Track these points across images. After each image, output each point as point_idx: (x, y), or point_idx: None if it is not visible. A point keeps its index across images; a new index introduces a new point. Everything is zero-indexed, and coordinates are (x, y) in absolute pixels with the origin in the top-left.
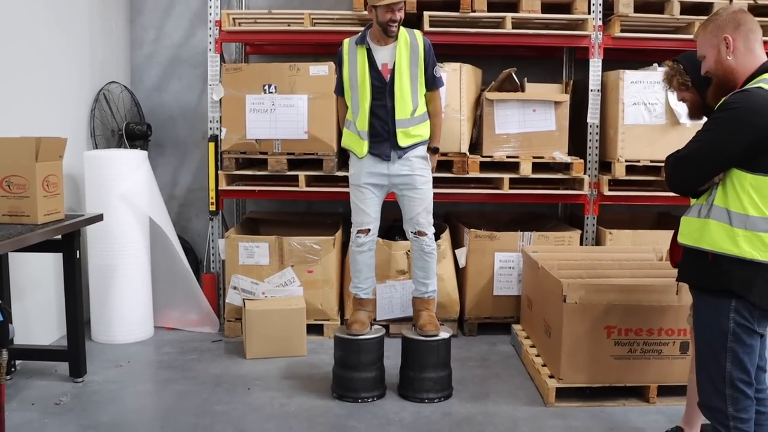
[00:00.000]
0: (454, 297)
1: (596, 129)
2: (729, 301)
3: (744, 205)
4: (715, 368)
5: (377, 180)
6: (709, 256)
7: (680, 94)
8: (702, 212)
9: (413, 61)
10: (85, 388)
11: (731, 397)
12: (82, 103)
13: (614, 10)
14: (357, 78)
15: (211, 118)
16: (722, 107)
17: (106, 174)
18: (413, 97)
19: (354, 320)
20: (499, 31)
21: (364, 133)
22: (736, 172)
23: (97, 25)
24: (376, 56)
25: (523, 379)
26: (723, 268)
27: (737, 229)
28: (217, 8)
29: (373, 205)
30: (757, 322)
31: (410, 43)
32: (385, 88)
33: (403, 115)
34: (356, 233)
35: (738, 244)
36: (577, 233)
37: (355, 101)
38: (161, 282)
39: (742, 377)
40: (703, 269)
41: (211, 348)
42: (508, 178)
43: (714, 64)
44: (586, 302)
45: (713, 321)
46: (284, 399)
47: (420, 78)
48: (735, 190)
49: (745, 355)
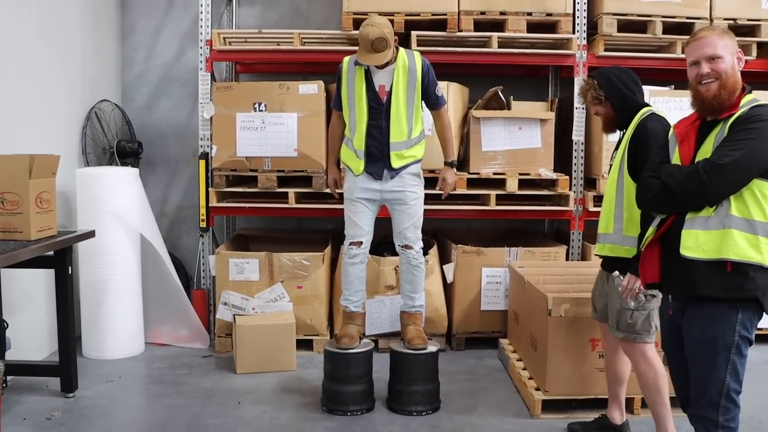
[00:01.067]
0: (442, 312)
1: (581, 146)
2: (736, 312)
3: (766, 213)
4: (713, 381)
5: (370, 195)
6: (729, 265)
7: (594, 107)
8: (713, 224)
9: (410, 84)
10: (77, 403)
11: (723, 407)
12: (73, 121)
13: (598, 30)
14: (354, 98)
15: (202, 136)
16: (755, 118)
17: (98, 191)
18: (409, 120)
19: (343, 334)
20: (485, 50)
21: (361, 152)
22: (756, 181)
23: (89, 44)
24: (374, 77)
25: (509, 392)
26: (749, 276)
27: (762, 238)
28: (208, 28)
29: (366, 218)
30: (752, 331)
31: (408, 67)
32: (382, 110)
33: (398, 138)
34: (349, 245)
35: (762, 252)
36: (563, 248)
37: (353, 120)
38: (152, 298)
39: (736, 388)
40: (723, 280)
41: (202, 363)
42: (495, 194)
43: (731, 69)
44: (571, 316)
45: (718, 334)
46: (274, 413)
47: (417, 101)
48: (756, 199)
49: (741, 366)
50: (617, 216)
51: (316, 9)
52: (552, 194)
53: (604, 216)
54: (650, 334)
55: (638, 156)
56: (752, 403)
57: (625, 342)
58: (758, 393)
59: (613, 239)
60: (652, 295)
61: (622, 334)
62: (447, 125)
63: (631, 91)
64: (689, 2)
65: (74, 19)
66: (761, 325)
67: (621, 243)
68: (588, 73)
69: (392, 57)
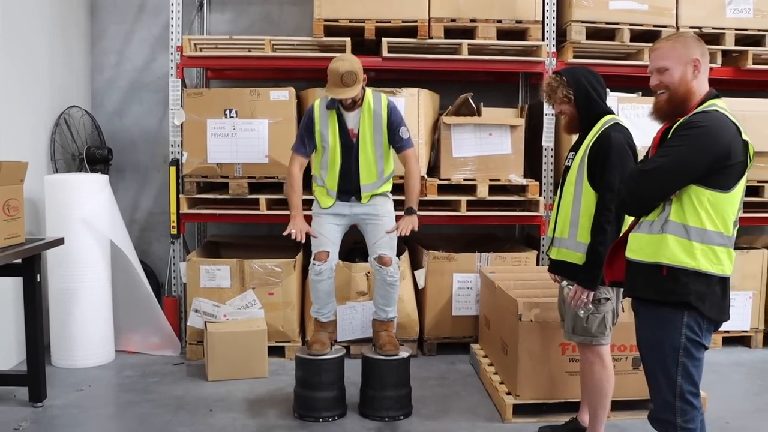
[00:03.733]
0: (413, 317)
1: (551, 152)
2: (681, 315)
3: (702, 220)
4: (666, 382)
5: (339, 211)
6: (664, 269)
7: (559, 107)
8: (655, 228)
9: (377, 127)
10: (45, 413)
11: (680, 409)
12: (42, 127)
13: (567, 38)
14: (329, 140)
15: (173, 143)
16: (687, 126)
17: (67, 198)
18: (378, 162)
19: (315, 340)
20: (456, 57)
21: (333, 192)
22: (694, 188)
23: (58, 49)
24: (345, 120)
25: (481, 396)
26: (681, 281)
27: (695, 243)
28: (179, 34)
29: (333, 232)
30: (704, 335)
31: (373, 110)
32: (352, 151)
33: (368, 180)
34: (313, 261)
35: (696, 257)
36: (534, 254)
37: (325, 161)
38: (122, 306)
39: (691, 390)
40: (659, 283)
41: (173, 371)
42: (466, 200)
43: (678, 80)
44: (541, 320)
45: (665, 336)
46: (246, 420)
47: (385, 144)
48: (693, 205)
49: (694, 368)
50: (573, 221)
51: (287, 16)
52: (522, 200)
53: (560, 220)
54: (606, 336)
55: (598, 166)
56: (719, 405)
57: (581, 345)
58: (726, 394)
59: (567, 244)
60: (606, 298)
61: (579, 338)
62: (414, 172)
63: (598, 93)
64: (656, 11)
65: (43, 24)
66: (725, 328)
67: (575, 249)
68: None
69: (360, 96)
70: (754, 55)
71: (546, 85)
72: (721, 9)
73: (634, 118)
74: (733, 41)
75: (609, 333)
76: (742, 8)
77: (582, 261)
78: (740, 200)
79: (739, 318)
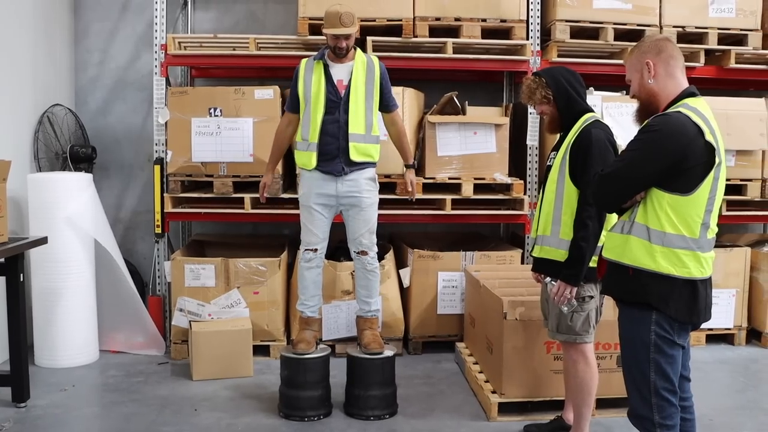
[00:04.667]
0: (398, 316)
1: (535, 150)
2: (650, 314)
3: (662, 222)
4: (640, 378)
5: (326, 200)
6: (630, 270)
7: (540, 107)
8: (624, 228)
9: (369, 79)
10: (29, 413)
11: (657, 405)
12: (25, 125)
13: (551, 37)
14: (311, 92)
15: (157, 141)
16: (644, 129)
17: (51, 197)
18: (367, 114)
19: (300, 339)
20: (440, 55)
21: (314, 145)
22: (655, 191)
23: (41, 47)
24: (332, 71)
25: (466, 395)
26: (642, 282)
27: (655, 246)
28: (163, 32)
29: (321, 225)
30: (677, 334)
31: (367, 64)
32: (340, 103)
33: (357, 130)
34: (305, 251)
35: (656, 259)
36: (519, 252)
37: (308, 115)
38: (107, 305)
39: (666, 386)
40: (624, 283)
41: (158, 370)
42: (451, 199)
43: (638, 87)
44: (526, 319)
45: (635, 333)
46: (231, 419)
47: (375, 97)
48: (654, 208)
49: (667, 365)
50: (555, 219)
51: (272, 14)
52: (507, 198)
53: (543, 218)
54: (589, 334)
55: (579, 162)
56: (703, 402)
57: (565, 344)
58: (709, 392)
59: (549, 242)
60: (590, 296)
61: (563, 336)
62: (401, 130)
63: (577, 92)
64: (640, 10)
65: (25, 22)
66: (708, 326)
67: (557, 246)
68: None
69: (353, 43)
70: (737, 54)
71: (525, 87)
72: (704, 8)
73: (618, 117)
74: (716, 40)
75: (593, 331)
76: (725, 8)
77: (565, 258)
78: (710, 202)
79: (723, 316)
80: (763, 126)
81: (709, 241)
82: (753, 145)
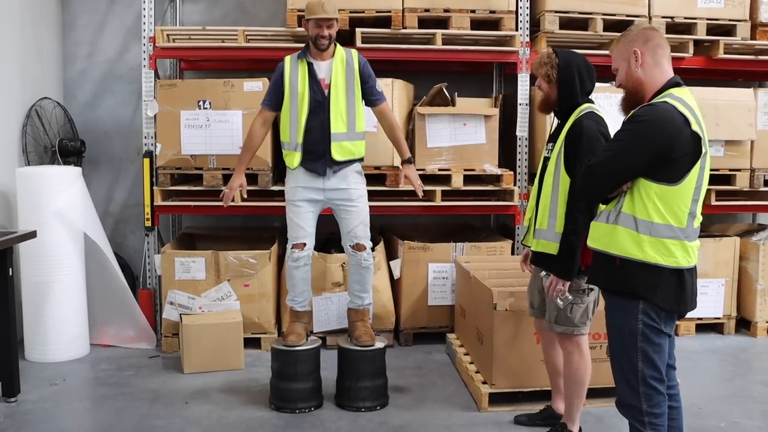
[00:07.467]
0: (389, 308)
1: (525, 142)
2: (637, 303)
3: (649, 212)
4: (628, 367)
5: (313, 195)
6: (617, 260)
7: (540, 81)
8: (610, 218)
9: (348, 74)
10: (19, 408)
11: (644, 394)
12: (13, 119)
13: (541, 27)
14: (297, 91)
15: (146, 134)
16: (631, 119)
17: (40, 191)
18: (349, 111)
19: (290, 331)
20: (430, 47)
21: (299, 145)
22: (642, 181)
23: (29, 40)
24: (316, 70)
25: (457, 386)
26: (629, 272)
27: (643, 235)
28: (151, 24)
29: (308, 220)
30: (663, 323)
31: (345, 60)
32: (323, 103)
33: (338, 129)
34: (291, 248)
35: (643, 249)
36: (509, 243)
37: (294, 115)
38: (97, 299)
39: (653, 375)
40: (611, 273)
41: (149, 364)
42: (441, 190)
43: (625, 76)
44: (516, 309)
45: (623, 322)
46: (222, 412)
47: (357, 93)
48: (641, 198)
49: (655, 354)
50: (552, 212)
51: (260, 6)
52: (497, 189)
53: (540, 211)
54: (586, 326)
55: (571, 154)
56: (693, 391)
57: (563, 336)
58: (699, 381)
59: (546, 235)
60: (591, 288)
61: (561, 328)
62: (394, 124)
63: (583, 85)
64: (629, 0)
65: (12, 15)
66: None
67: (553, 239)
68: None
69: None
70: (725, 44)
71: (538, 57)
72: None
73: (607, 108)
74: (704, 31)
75: (589, 323)
76: None
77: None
78: (696, 191)
79: (712, 305)
80: (752, 116)
81: (695, 230)
82: (741, 135)
